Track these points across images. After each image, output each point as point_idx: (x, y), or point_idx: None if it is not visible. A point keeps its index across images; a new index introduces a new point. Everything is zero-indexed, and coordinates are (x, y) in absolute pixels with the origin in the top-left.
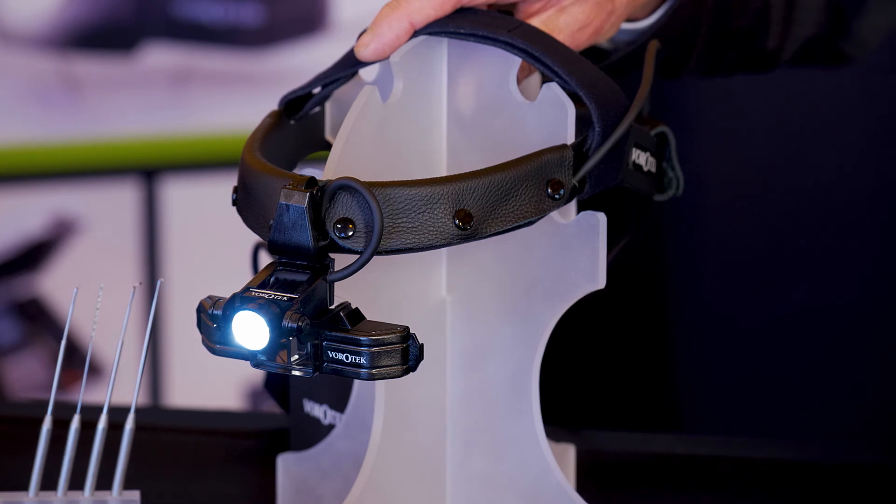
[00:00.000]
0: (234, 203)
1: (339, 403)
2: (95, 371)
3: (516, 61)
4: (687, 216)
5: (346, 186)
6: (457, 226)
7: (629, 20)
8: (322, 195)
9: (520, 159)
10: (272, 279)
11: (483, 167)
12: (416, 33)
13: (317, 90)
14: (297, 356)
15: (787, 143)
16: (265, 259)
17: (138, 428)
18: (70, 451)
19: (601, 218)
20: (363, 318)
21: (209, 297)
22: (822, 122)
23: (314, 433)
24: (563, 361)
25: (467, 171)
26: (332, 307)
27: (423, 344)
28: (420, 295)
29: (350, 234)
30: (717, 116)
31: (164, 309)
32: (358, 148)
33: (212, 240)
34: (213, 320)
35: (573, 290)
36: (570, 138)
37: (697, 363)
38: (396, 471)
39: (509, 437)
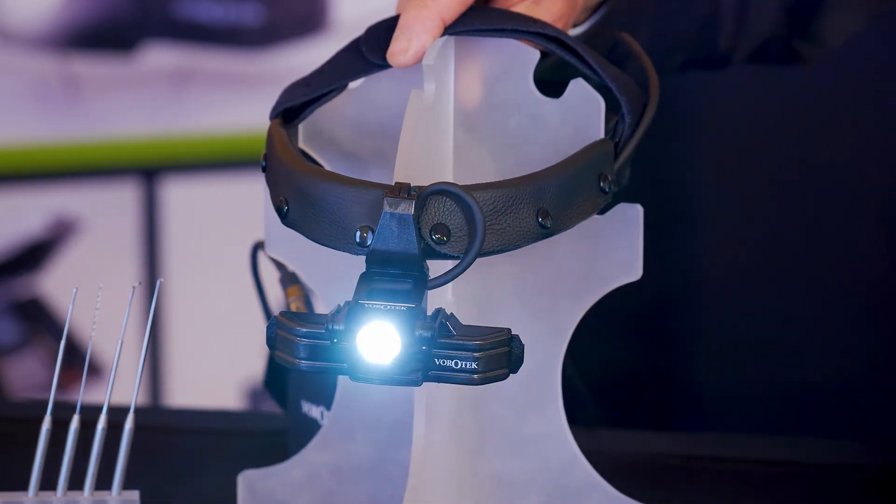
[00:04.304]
0: (285, 216)
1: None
2: (95, 371)
3: (534, 58)
4: (687, 213)
5: (444, 191)
6: (539, 224)
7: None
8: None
9: (577, 156)
10: (369, 290)
11: (494, 167)
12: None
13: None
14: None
15: (786, 140)
16: (265, 259)
17: (138, 428)
18: (70, 451)
19: (639, 210)
20: (460, 322)
21: (285, 313)
22: (821, 121)
23: (311, 435)
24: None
25: (477, 171)
26: (430, 313)
27: (524, 345)
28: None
29: (446, 239)
30: (712, 113)
31: (163, 309)
32: (414, 152)
33: (212, 240)
34: (331, 336)
35: (604, 283)
36: (600, 133)
37: (698, 362)
38: (428, 474)
39: (528, 434)
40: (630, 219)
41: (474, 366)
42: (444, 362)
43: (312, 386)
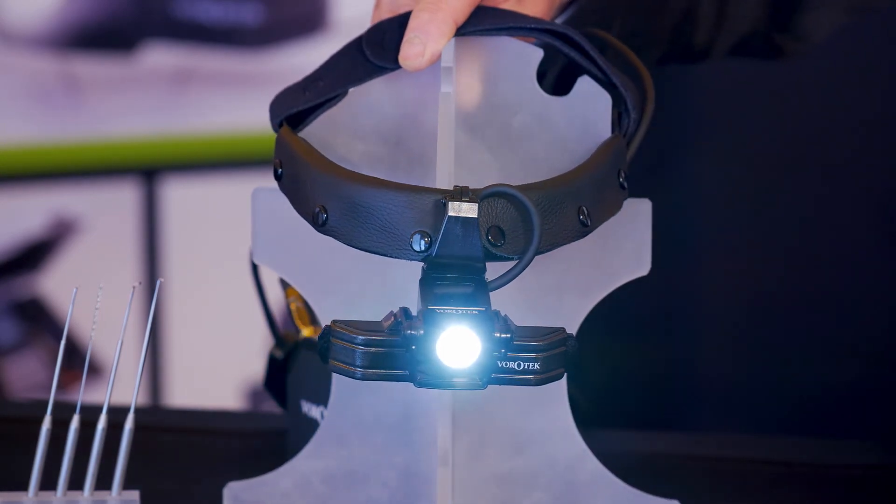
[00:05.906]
0: (322, 224)
1: None
2: (95, 371)
3: (537, 56)
4: (688, 212)
5: (501, 193)
6: (581, 221)
7: None
8: None
9: (602, 152)
10: (435, 295)
11: (497, 167)
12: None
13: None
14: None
15: (785, 139)
16: None
17: (138, 428)
18: (70, 451)
19: (648, 204)
20: (514, 323)
21: (340, 321)
22: (822, 119)
23: (311, 435)
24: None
25: (479, 171)
26: None
27: (579, 345)
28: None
29: (500, 241)
30: (710, 111)
31: (163, 309)
32: (449, 154)
33: (212, 240)
34: (408, 343)
35: (613, 279)
36: (608, 130)
37: (699, 362)
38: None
39: (535, 431)
40: (639, 213)
41: (536, 367)
42: (506, 364)
43: (312, 386)
